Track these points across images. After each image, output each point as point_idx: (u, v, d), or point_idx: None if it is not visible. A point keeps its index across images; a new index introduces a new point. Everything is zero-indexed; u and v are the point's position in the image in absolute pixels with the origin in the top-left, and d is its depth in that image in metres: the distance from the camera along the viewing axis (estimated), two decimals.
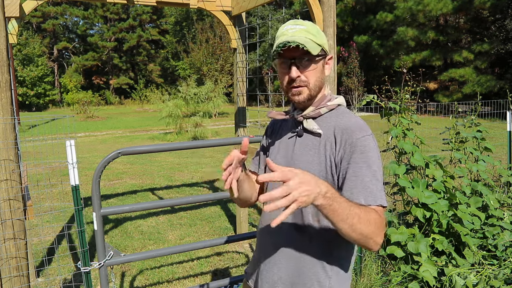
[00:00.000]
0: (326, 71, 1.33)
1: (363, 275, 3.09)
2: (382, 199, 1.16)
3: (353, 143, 1.20)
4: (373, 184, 1.16)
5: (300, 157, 1.29)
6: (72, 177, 1.88)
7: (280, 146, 1.38)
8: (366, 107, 3.51)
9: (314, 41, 1.24)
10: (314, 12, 3.07)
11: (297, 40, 1.19)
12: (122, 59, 38.07)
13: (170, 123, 13.36)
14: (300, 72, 1.26)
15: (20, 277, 2.35)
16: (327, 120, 1.30)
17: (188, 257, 3.91)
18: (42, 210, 5.35)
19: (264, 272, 1.36)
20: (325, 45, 1.29)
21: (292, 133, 1.35)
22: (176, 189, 6.50)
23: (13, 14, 2.92)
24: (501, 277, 2.85)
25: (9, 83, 2.30)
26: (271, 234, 1.34)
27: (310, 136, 1.30)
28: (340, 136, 1.23)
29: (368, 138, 1.21)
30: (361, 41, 22.54)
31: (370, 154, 1.19)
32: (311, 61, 1.26)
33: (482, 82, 18.29)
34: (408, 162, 3.49)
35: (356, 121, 1.26)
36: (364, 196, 1.15)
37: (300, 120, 1.32)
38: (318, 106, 1.31)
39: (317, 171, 1.24)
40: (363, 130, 1.22)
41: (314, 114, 1.30)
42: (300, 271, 1.28)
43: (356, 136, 1.20)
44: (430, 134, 7.32)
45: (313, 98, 1.31)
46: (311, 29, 1.26)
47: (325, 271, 1.27)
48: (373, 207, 1.14)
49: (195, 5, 3.78)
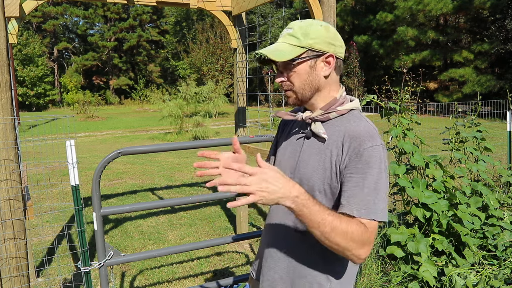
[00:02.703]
0: (323, 72, 1.26)
1: (363, 275, 3.09)
2: (377, 213, 1.14)
3: (360, 153, 1.16)
4: (370, 196, 1.14)
5: (306, 161, 1.28)
6: (72, 177, 1.88)
7: (289, 146, 1.37)
8: (366, 107, 3.51)
9: (294, 44, 1.23)
10: (314, 12, 3.07)
11: (263, 52, 1.21)
12: (122, 59, 38.08)
13: (172, 123, 13.37)
14: (285, 76, 1.27)
15: (20, 277, 2.35)
16: (338, 124, 1.26)
17: (188, 257, 3.91)
18: (42, 210, 5.35)
19: (266, 269, 1.38)
20: (317, 45, 1.23)
21: (301, 134, 1.34)
22: (176, 189, 6.50)
23: (13, 14, 2.92)
24: (501, 277, 2.85)
25: (9, 83, 2.30)
26: (275, 233, 1.36)
27: (318, 140, 1.28)
28: (348, 144, 1.20)
29: (377, 148, 1.17)
30: (361, 41, 22.55)
31: (375, 165, 1.16)
32: (291, 65, 1.25)
33: (482, 82, 18.30)
34: (408, 162, 3.49)
35: (367, 128, 1.21)
36: (358, 208, 1.14)
37: (309, 122, 1.30)
38: (328, 110, 1.27)
39: (321, 177, 1.23)
40: (373, 139, 1.18)
41: (322, 118, 1.27)
42: (301, 273, 1.29)
43: (364, 146, 1.17)
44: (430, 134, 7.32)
45: (306, 100, 1.29)
46: (297, 32, 1.24)
47: (326, 274, 1.27)
48: (363, 221, 1.13)
49: (195, 5, 3.78)
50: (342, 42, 1.29)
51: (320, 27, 1.24)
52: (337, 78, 1.31)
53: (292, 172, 1.31)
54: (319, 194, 1.24)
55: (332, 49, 1.25)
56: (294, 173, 1.30)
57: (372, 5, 23.43)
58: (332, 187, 1.22)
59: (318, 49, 1.23)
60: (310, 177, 1.25)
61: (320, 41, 1.23)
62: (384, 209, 1.16)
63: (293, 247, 1.30)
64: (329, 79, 1.28)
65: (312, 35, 1.23)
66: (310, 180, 1.25)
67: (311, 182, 1.25)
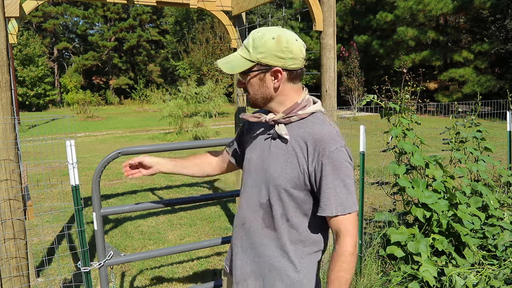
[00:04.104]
0: (272, 84, 1.32)
1: (363, 275, 3.09)
2: (351, 206, 1.29)
3: (327, 156, 1.27)
4: (343, 194, 1.28)
5: (274, 161, 1.36)
6: (72, 177, 1.88)
7: (257, 146, 1.44)
8: (366, 107, 3.51)
9: (245, 57, 1.31)
10: (314, 12, 3.07)
11: (218, 64, 1.32)
12: (122, 59, 38.05)
13: (172, 123, 13.36)
14: (244, 83, 1.37)
15: (20, 277, 2.35)
16: (301, 126, 1.34)
17: (188, 257, 3.91)
18: (42, 210, 5.35)
19: (238, 263, 1.47)
20: (264, 59, 1.28)
21: (268, 135, 1.41)
22: (176, 189, 6.50)
23: (13, 14, 2.92)
24: (501, 277, 2.85)
25: (9, 83, 2.30)
26: (246, 229, 1.45)
27: (282, 141, 1.36)
28: (313, 147, 1.29)
29: (341, 150, 1.29)
30: (361, 41, 22.53)
31: (342, 165, 1.28)
32: (245, 75, 1.34)
33: (482, 82, 18.29)
34: (408, 162, 3.49)
35: (329, 132, 1.30)
36: (336, 208, 1.28)
37: (272, 124, 1.38)
38: (289, 114, 1.34)
39: (290, 177, 1.32)
40: (336, 142, 1.29)
41: (284, 121, 1.35)
42: (271, 266, 1.39)
43: (329, 149, 1.27)
44: (430, 134, 7.33)
45: (262, 106, 1.39)
46: (250, 44, 1.31)
47: (294, 266, 1.37)
48: (342, 217, 1.28)
49: (195, 5, 3.78)
50: (297, 52, 1.31)
51: (272, 40, 1.27)
52: (296, 85, 1.36)
53: (261, 172, 1.39)
54: (285, 192, 1.33)
55: (280, 63, 1.29)
56: (263, 173, 1.38)
57: (372, 5, 23.41)
58: (299, 186, 1.32)
59: (266, 63, 1.29)
60: (278, 177, 1.34)
61: (268, 55, 1.28)
62: (355, 200, 1.31)
63: (263, 242, 1.39)
64: (283, 89, 1.34)
65: (261, 49, 1.28)
66: (277, 179, 1.34)
67: (278, 182, 1.34)
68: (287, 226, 1.36)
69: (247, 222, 1.43)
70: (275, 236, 1.37)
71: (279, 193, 1.33)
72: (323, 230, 1.41)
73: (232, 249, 1.53)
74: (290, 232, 1.36)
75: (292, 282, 1.37)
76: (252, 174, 1.42)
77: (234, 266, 1.49)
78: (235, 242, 1.50)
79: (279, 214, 1.35)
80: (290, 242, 1.36)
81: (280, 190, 1.33)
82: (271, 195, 1.35)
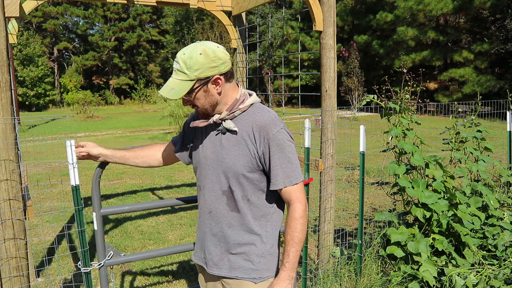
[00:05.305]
0: (216, 90, 1.49)
1: (363, 275, 3.09)
2: (297, 177, 1.51)
3: (270, 138, 1.49)
4: (289, 168, 1.50)
5: (228, 152, 1.54)
6: (72, 177, 1.88)
7: (208, 143, 1.61)
8: (366, 107, 3.51)
9: (184, 79, 1.45)
10: (314, 12, 3.07)
11: (161, 93, 1.45)
12: (122, 59, 38.05)
13: (172, 123, 13.38)
14: (190, 101, 1.52)
15: (20, 277, 2.35)
16: (245, 118, 1.54)
17: (188, 257, 3.91)
18: (42, 210, 5.35)
19: (212, 247, 1.62)
20: (202, 74, 1.44)
21: (217, 131, 1.58)
22: (176, 189, 6.50)
23: (13, 14, 2.92)
24: (501, 277, 2.85)
25: (9, 83, 2.30)
26: (212, 216, 1.61)
27: (231, 133, 1.55)
28: (258, 133, 1.50)
29: (281, 132, 1.50)
30: (361, 41, 22.53)
31: (284, 144, 1.50)
32: (190, 94, 1.49)
33: (482, 82, 18.29)
34: (408, 162, 3.49)
35: (269, 118, 1.52)
36: (283, 182, 1.50)
37: (219, 123, 1.56)
38: (232, 110, 1.53)
39: (243, 163, 1.52)
40: (276, 125, 1.50)
41: (229, 117, 1.54)
42: (240, 242, 1.57)
43: (272, 132, 1.49)
44: (430, 134, 7.33)
45: (211, 112, 1.55)
46: (183, 67, 1.45)
47: (260, 237, 1.58)
48: (290, 187, 1.50)
49: (195, 5, 3.78)
50: (224, 56, 1.49)
51: (200, 56, 1.44)
52: (232, 84, 1.55)
53: (218, 164, 1.57)
54: (243, 177, 1.53)
55: (216, 71, 1.47)
56: (220, 164, 1.56)
57: (372, 5, 23.41)
58: (253, 169, 1.52)
59: (205, 76, 1.46)
60: (234, 165, 1.53)
61: (204, 69, 1.45)
62: (299, 171, 1.53)
63: (231, 223, 1.58)
64: (224, 91, 1.53)
65: (196, 67, 1.44)
66: (234, 167, 1.53)
67: (235, 169, 1.53)
68: (248, 205, 1.56)
69: (213, 210, 1.60)
70: (240, 217, 1.57)
71: (238, 179, 1.53)
72: (279, 202, 1.62)
73: (201, 238, 1.68)
74: (252, 210, 1.57)
75: (261, 251, 1.58)
76: (210, 168, 1.59)
77: (208, 251, 1.64)
78: (204, 230, 1.65)
79: (240, 196, 1.55)
80: (254, 219, 1.57)
81: (238, 176, 1.53)
82: (230, 182, 1.55)
